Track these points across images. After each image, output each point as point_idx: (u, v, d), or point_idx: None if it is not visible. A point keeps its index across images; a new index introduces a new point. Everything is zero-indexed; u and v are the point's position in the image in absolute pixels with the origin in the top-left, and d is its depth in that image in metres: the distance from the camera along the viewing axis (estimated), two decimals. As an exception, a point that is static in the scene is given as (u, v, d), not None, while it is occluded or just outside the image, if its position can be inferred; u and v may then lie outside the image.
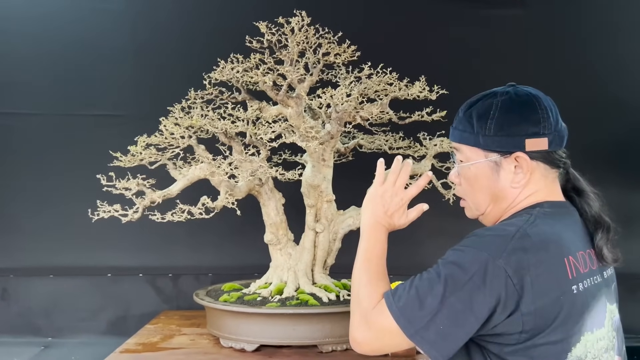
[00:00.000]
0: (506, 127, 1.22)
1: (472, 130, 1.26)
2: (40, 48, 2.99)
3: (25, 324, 3.00)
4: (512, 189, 1.25)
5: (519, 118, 1.22)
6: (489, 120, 1.23)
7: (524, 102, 1.24)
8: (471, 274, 1.08)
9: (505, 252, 1.09)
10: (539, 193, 1.25)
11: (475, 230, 1.18)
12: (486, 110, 1.25)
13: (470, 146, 1.28)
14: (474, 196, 1.32)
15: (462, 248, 1.14)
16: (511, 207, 1.27)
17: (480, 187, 1.29)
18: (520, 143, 1.21)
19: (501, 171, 1.25)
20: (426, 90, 2.09)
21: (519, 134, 1.21)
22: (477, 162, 1.27)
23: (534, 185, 1.25)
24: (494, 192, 1.27)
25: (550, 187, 1.27)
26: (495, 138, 1.23)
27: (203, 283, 2.88)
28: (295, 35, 2.05)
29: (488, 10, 3.08)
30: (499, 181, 1.26)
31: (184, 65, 2.95)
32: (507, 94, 1.26)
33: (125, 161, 2.13)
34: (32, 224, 3.00)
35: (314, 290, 2.20)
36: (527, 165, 1.22)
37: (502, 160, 1.24)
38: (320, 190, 2.24)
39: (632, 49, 3.14)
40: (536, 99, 1.24)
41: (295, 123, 2.14)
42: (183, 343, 2.26)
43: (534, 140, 1.21)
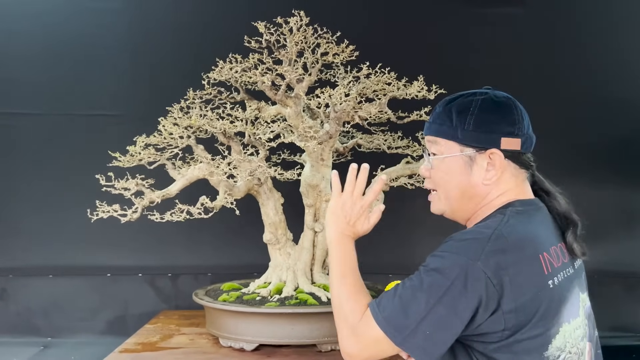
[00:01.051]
0: (485, 123, 1.27)
1: (450, 124, 1.30)
2: (37, 48, 2.99)
3: (25, 324, 3.00)
4: (483, 186, 1.29)
5: (497, 117, 1.27)
6: (469, 115, 1.28)
7: (502, 103, 1.29)
8: (452, 279, 1.11)
9: (483, 255, 1.12)
10: (510, 192, 1.29)
11: (453, 235, 1.21)
12: (466, 107, 1.29)
13: (446, 140, 1.31)
14: (445, 189, 1.35)
15: (441, 254, 1.17)
16: (483, 205, 1.31)
17: (452, 180, 1.32)
18: (496, 140, 1.26)
19: (474, 166, 1.28)
20: (424, 90, 2.09)
21: (496, 132, 1.26)
22: (452, 155, 1.30)
23: (504, 184, 1.29)
24: (464, 187, 1.31)
25: (521, 186, 1.31)
26: (474, 133, 1.27)
27: (202, 283, 2.88)
28: (294, 35, 2.05)
29: (487, 9, 3.09)
30: (471, 176, 1.29)
31: (182, 65, 2.95)
32: (487, 94, 1.31)
33: (124, 161, 2.13)
34: (31, 224, 3.00)
35: (313, 290, 2.20)
36: (499, 163, 1.27)
37: (476, 156, 1.28)
38: (319, 189, 2.25)
39: (632, 47, 3.14)
40: (513, 102, 1.30)
41: (293, 123, 2.15)
42: (182, 343, 2.26)
43: (509, 140, 1.26)
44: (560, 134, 2.88)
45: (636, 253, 3.04)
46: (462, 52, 3.05)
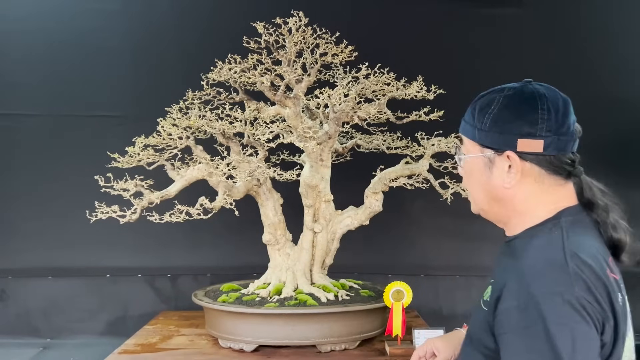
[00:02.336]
0: (500, 123, 1.18)
1: (472, 122, 1.23)
2: (37, 49, 2.99)
3: (24, 325, 3.00)
4: (504, 189, 1.20)
5: (514, 116, 1.17)
6: (487, 114, 1.20)
7: (525, 100, 1.18)
8: (566, 319, 1.02)
9: (573, 281, 1.04)
10: (551, 202, 1.18)
11: (515, 273, 1.10)
12: (487, 104, 1.21)
13: (468, 139, 1.25)
14: (471, 190, 1.30)
15: (531, 303, 1.04)
16: (520, 213, 1.21)
17: (475, 181, 1.26)
18: (512, 142, 1.16)
19: (494, 169, 1.21)
20: (424, 90, 2.09)
21: (511, 132, 1.16)
22: (472, 156, 1.24)
23: (523, 188, 1.19)
24: (488, 190, 1.24)
25: (553, 193, 1.19)
26: (489, 133, 1.19)
27: (202, 283, 2.88)
28: (293, 36, 2.05)
29: (486, 9, 3.09)
30: (492, 179, 1.21)
31: (181, 65, 2.95)
32: (514, 90, 1.20)
33: (123, 162, 2.13)
34: (30, 226, 3.00)
35: (313, 290, 2.20)
36: (516, 166, 1.17)
37: (495, 158, 1.20)
38: (319, 190, 2.24)
39: (631, 47, 3.15)
40: (540, 98, 1.17)
41: (293, 123, 2.14)
42: (182, 343, 2.25)
43: (527, 141, 1.16)
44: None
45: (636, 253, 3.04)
46: (462, 52, 3.05)
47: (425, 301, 3.04)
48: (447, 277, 3.13)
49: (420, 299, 2.86)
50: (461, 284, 3.13)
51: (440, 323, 2.32)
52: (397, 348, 2.08)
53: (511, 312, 1.06)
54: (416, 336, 2.10)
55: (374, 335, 2.21)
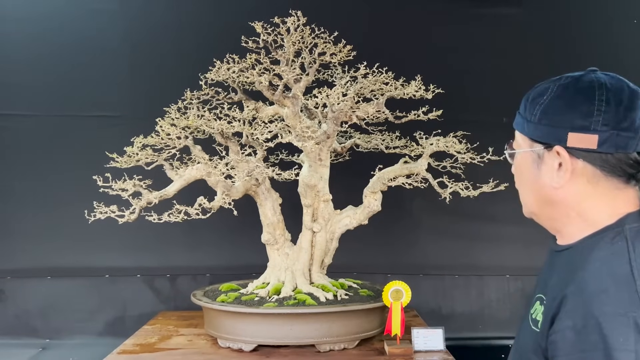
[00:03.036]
0: (551, 115, 1.05)
1: (523, 114, 1.11)
2: (34, 49, 2.99)
3: (23, 326, 2.99)
4: (553, 190, 1.07)
5: (567, 107, 1.04)
6: (539, 105, 1.07)
7: (582, 89, 1.04)
8: (634, 346, 0.90)
9: None
10: (609, 207, 1.05)
11: (576, 296, 0.97)
12: (540, 94, 1.08)
13: (520, 133, 1.13)
14: (520, 190, 1.17)
15: (594, 324, 0.93)
16: (575, 218, 1.08)
17: (524, 180, 1.14)
18: (562, 136, 1.03)
19: (542, 166, 1.08)
20: (422, 90, 2.09)
21: (562, 125, 1.03)
22: (521, 151, 1.12)
23: (574, 188, 1.06)
24: (536, 190, 1.11)
25: (609, 198, 1.05)
26: (539, 126, 1.07)
27: (201, 283, 2.88)
28: (291, 35, 2.05)
29: (485, 9, 3.09)
30: (540, 177, 1.09)
31: (180, 65, 2.95)
32: (571, 79, 1.07)
33: (122, 162, 2.13)
34: (29, 226, 2.99)
35: (312, 290, 2.20)
36: (566, 164, 1.04)
37: (544, 154, 1.07)
38: (317, 190, 2.24)
39: (630, 46, 3.14)
40: (600, 87, 1.03)
41: (291, 123, 2.14)
42: (181, 343, 2.25)
43: (579, 136, 1.02)
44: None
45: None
46: (460, 51, 3.05)
47: (424, 301, 3.05)
48: (446, 277, 3.13)
49: (419, 299, 2.87)
50: (460, 284, 3.13)
51: (439, 322, 2.33)
52: (396, 347, 2.08)
53: (567, 334, 0.94)
54: (415, 336, 2.11)
55: (373, 334, 2.21)
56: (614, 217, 1.04)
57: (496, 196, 2.25)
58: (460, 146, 2.23)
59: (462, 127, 2.27)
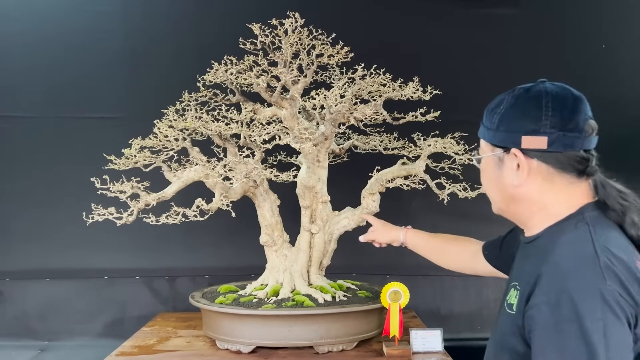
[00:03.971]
0: (507, 121, 1.21)
1: (484, 123, 1.27)
2: (33, 50, 2.99)
3: (22, 327, 2.99)
4: (515, 188, 1.22)
5: (519, 114, 1.20)
6: (497, 114, 1.23)
7: (530, 98, 1.20)
8: (602, 315, 1.01)
9: (605, 274, 1.04)
10: (567, 200, 1.19)
11: (547, 271, 1.09)
12: (497, 105, 1.25)
13: (483, 140, 1.29)
14: (488, 190, 1.33)
15: (566, 297, 1.04)
16: (538, 211, 1.22)
17: (490, 181, 1.30)
18: (517, 139, 1.19)
19: (503, 167, 1.23)
20: (420, 91, 2.09)
21: (517, 130, 1.19)
22: (485, 156, 1.28)
23: (532, 186, 1.20)
24: (501, 189, 1.26)
25: (565, 192, 1.20)
26: (498, 132, 1.23)
27: (199, 285, 2.88)
28: (289, 37, 2.05)
29: (483, 9, 3.09)
30: (502, 177, 1.24)
31: (177, 67, 2.95)
32: (523, 90, 1.23)
33: (120, 164, 2.12)
34: (28, 227, 2.99)
35: (310, 292, 2.20)
36: (522, 164, 1.19)
37: (504, 156, 1.23)
38: (315, 191, 2.25)
39: (628, 46, 3.15)
40: (546, 95, 1.19)
41: (289, 124, 2.15)
42: (179, 345, 2.25)
43: (531, 138, 1.17)
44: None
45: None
46: (457, 52, 3.06)
47: (423, 302, 3.05)
48: (445, 278, 3.12)
49: (418, 300, 2.87)
50: (459, 284, 3.13)
51: (438, 323, 2.33)
52: (395, 349, 2.08)
53: (541, 308, 1.06)
54: (413, 337, 2.11)
55: (371, 336, 2.21)
56: (573, 208, 1.18)
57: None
58: (458, 147, 2.23)
59: (460, 129, 2.27)
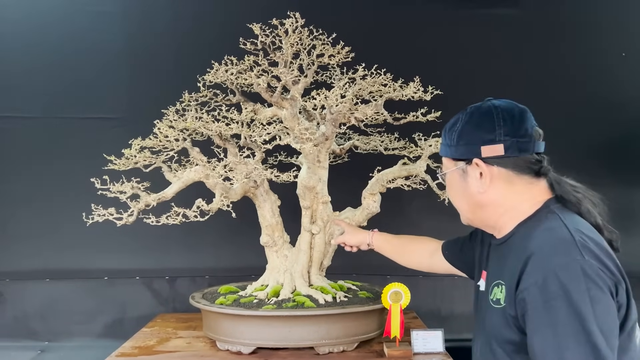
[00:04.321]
0: (465, 136, 1.35)
1: (445, 142, 1.41)
2: (33, 51, 2.98)
3: (22, 328, 2.99)
4: (480, 195, 1.34)
5: (475, 128, 1.34)
6: (454, 131, 1.37)
7: (482, 113, 1.34)
8: (587, 287, 1.12)
9: (583, 251, 1.14)
10: (530, 198, 1.32)
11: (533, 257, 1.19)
12: (454, 124, 1.39)
13: (445, 157, 1.43)
14: (455, 202, 1.45)
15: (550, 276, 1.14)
16: (505, 213, 1.35)
17: (456, 193, 1.42)
18: (477, 150, 1.32)
19: (468, 178, 1.36)
20: (420, 91, 2.09)
21: (475, 142, 1.33)
22: (449, 171, 1.41)
23: (496, 190, 1.33)
24: (467, 198, 1.38)
25: (526, 192, 1.33)
26: (458, 147, 1.36)
27: (200, 285, 2.88)
28: (289, 37, 2.04)
29: (482, 10, 3.09)
30: (468, 187, 1.36)
31: (178, 67, 2.95)
32: (475, 108, 1.37)
33: (120, 164, 2.12)
34: (27, 228, 2.99)
35: (311, 292, 2.19)
36: (484, 171, 1.32)
37: (467, 168, 1.35)
38: (316, 191, 2.24)
39: (627, 48, 3.14)
40: (496, 109, 1.33)
41: (290, 125, 2.14)
42: (179, 346, 2.25)
43: (489, 147, 1.31)
44: (556, 134, 2.86)
45: (634, 253, 3.04)
46: (458, 52, 3.05)
47: (424, 302, 3.04)
48: (446, 278, 3.11)
49: (419, 300, 2.86)
50: (459, 285, 3.12)
51: (439, 324, 2.32)
52: (396, 350, 2.08)
53: (530, 290, 1.15)
54: (414, 337, 2.10)
55: (372, 336, 2.20)
56: (538, 204, 1.31)
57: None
58: (459, 147, 2.22)
59: (461, 129, 2.26)
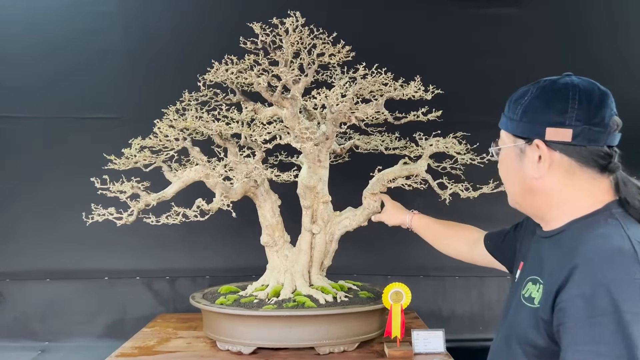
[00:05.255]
0: (530, 112, 1.20)
1: (507, 114, 1.26)
2: (32, 50, 2.98)
3: (22, 328, 2.98)
4: (535, 180, 1.21)
5: (544, 105, 1.19)
6: (520, 105, 1.22)
7: (558, 90, 1.19)
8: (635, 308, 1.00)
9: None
10: (590, 195, 1.18)
11: (580, 264, 1.06)
12: (521, 96, 1.24)
13: (504, 131, 1.28)
14: (506, 182, 1.32)
15: (599, 290, 1.02)
16: (559, 205, 1.21)
17: (509, 173, 1.29)
18: (541, 130, 1.18)
19: (525, 159, 1.22)
20: (421, 90, 2.08)
21: (540, 122, 1.18)
22: (505, 147, 1.27)
23: (553, 179, 1.19)
24: (520, 181, 1.25)
25: (587, 187, 1.18)
26: (520, 123, 1.22)
27: (200, 285, 2.88)
28: (290, 36, 2.04)
29: (483, 9, 3.08)
30: (523, 169, 1.23)
31: (178, 67, 2.94)
32: (549, 82, 1.23)
33: (120, 164, 2.12)
34: (28, 228, 2.99)
35: (311, 292, 2.18)
36: (544, 155, 1.18)
37: (526, 148, 1.22)
38: (317, 191, 2.23)
39: (628, 46, 3.13)
40: (573, 88, 1.18)
41: (290, 124, 2.14)
42: (179, 346, 2.24)
43: (555, 130, 1.16)
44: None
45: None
46: (459, 51, 3.04)
47: (425, 302, 3.03)
48: (446, 278, 3.11)
49: (420, 300, 2.86)
50: (460, 285, 3.12)
51: (440, 324, 2.32)
52: (396, 350, 2.07)
53: (575, 301, 1.03)
54: (415, 338, 2.09)
55: (372, 337, 2.20)
56: (598, 204, 1.17)
57: (496, 197, 2.23)
58: (460, 147, 2.22)
59: (462, 128, 2.26)
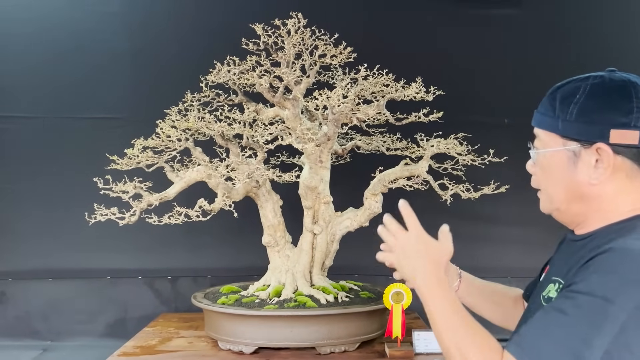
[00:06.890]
0: (590, 113, 1.08)
1: (552, 113, 1.13)
2: (36, 51, 2.98)
3: (24, 328, 2.99)
4: (590, 186, 1.11)
5: (606, 104, 1.08)
6: (573, 104, 1.10)
7: (616, 88, 1.09)
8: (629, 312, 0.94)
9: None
10: (637, 200, 1.10)
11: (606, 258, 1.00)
12: (572, 93, 1.11)
13: (548, 132, 1.15)
14: (547, 188, 1.19)
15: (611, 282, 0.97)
16: (599, 210, 1.13)
17: (555, 178, 1.16)
18: (604, 133, 1.07)
19: (579, 163, 1.11)
20: (423, 91, 2.09)
21: (603, 123, 1.07)
22: (553, 150, 1.14)
23: (612, 185, 1.10)
24: (569, 187, 1.14)
25: (636, 191, 1.11)
26: (576, 124, 1.09)
27: (201, 285, 2.88)
28: (292, 37, 2.05)
29: (484, 10, 3.08)
30: (576, 174, 1.11)
31: (180, 67, 2.95)
32: (600, 78, 1.12)
33: (122, 164, 2.13)
34: (30, 227, 2.99)
35: (312, 292, 2.19)
36: (607, 160, 1.07)
37: (581, 151, 1.10)
38: (318, 191, 2.24)
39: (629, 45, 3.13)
40: (634, 86, 1.08)
41: (292, 125, 2.14)
42: (181, 346, 2.25)
43: (622, 132, 1.06)
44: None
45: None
46: (460, 52, 3.05)
47: (425, 303, 3.03)
48: (447, 279, 3.11)
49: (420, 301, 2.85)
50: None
51: (440, 324, 2.31)
52: (397, 350, 2.08)
53: (591, 275, 0.98)
54: (416, 338, 2.10)
55: (373, 337, 2.20)
56: (636, 210, 1.09)
57: (497, 198, 2.25)
58: (461, 148, 2.23)
59: (463, 129, 2.26)
